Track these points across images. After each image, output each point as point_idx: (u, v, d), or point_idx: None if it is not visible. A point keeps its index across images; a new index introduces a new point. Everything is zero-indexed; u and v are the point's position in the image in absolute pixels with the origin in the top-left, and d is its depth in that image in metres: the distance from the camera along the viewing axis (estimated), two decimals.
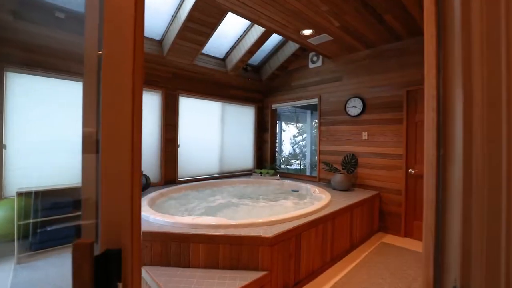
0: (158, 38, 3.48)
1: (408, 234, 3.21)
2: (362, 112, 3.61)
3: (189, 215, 2.50)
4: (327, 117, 4.06)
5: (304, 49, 4.30)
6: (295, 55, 4.38)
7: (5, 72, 2.60)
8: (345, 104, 3.78)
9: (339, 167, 3.83)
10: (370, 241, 3.13)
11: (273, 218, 2.07)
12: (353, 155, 3.65)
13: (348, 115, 3.76)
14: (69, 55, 2.91)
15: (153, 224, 2.00)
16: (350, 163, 3.60)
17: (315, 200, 2.99)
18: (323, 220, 2.34)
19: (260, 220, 2.02)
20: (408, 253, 2.75)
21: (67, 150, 2.89)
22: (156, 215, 2.09)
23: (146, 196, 2.80)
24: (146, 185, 3.14)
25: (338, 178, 3.47)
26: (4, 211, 2.48)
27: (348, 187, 3.46)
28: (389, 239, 3.19)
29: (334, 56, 3.92)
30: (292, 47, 4.24)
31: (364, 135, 3.59)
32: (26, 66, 2.67)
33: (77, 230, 2.63)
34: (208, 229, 1.91)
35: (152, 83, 3.58)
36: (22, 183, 2.68)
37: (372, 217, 3.25)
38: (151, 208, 2.37)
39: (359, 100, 3.63)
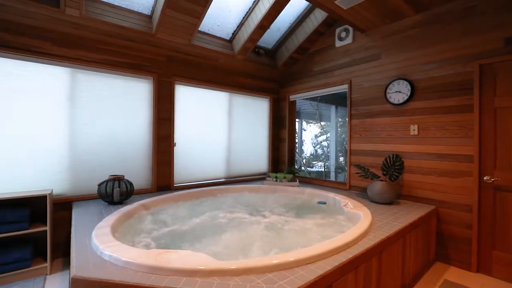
0: (147, 12, 2.82)
1: (483, 269, 2.25)
2: (410, 98, 2.69)
3: (161, 243, 1.76)
4: (360, 108, 3.17)
5: (330, 24, 3.45)
6: (318, 33, 3.54)
7: None
8: (386, 89, 2.88)
9: (378, 172, 2.94)
10: (427, 277, 2.22)
11: (284, 259, 1.28)
12: (397, 156, 2.75)
13: (390, 103, 2.86)
14: (28, 28, 2.31)
15: (104, 265, 1.29)
16: (394, 166, 2.70)
17: (349, 221, 2.15)
18: (367, 256, 1.50)
19: (262, 263, 1.24)
20: None
21: (26, 148, 2.29)
22: (112, 248, 1.38)
23: (120, 210, 2.12)
24: (127, 194, 2.47)
25: (377, 187, 2.58)
26: None
27: (392, 199, 2.57)
28: (455, 275, 2.26)
29: (369, 29, 3.04)
30: (314, 21, 3.41)
31: (413, 129, 2.68)
32: None
33: (37, 251, 1.96)
34: (178, 275, 1.17)
35: (140, 68, 2.92)
36: None
37: (428, 243, 2.34)
38: (113, 232, 1.67)
39: (405, 82, 2.72)
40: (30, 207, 2.18)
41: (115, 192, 2.36)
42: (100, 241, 1.47)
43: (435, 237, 2.47)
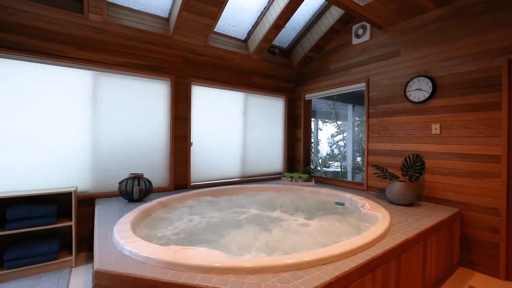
0: (164, 15, 2.89)
1: None
2: (431, 96, 2.59)
3: (177, 239, 1.80)
4: (378, 106, 3.09)
5: (346, 21, 3.39)
6: (334, 30, 3.48)
7: None
8: (405, 87, 2.79)
9: (397, 173, 2.85)
10: (450, 283, 2.13)
11: (299, 259, 1.28)
12: (417, 156, 2.65)
13: (410, 101, 2.76)
14: (55, 34, 2.45)
15: (125, 259, 1.35)
16: (414, 167, 2.61)
17: (367, 221, 2.10)
18: (385, 259, 1.46)
19: (277, 263, 1.24)
20: None
21: (52, 148, 2.42)
22: (132, 243, 1.44)
23: (139, 207, 2.19)
24: (146, 192, 2.55)
25: (396, 187, 2.51)
26: None
27: (412, 201, 2.48)
28: (481, 281, 2.15)
29: (387, 25, 2.95)
30: (330, 19, 3.36)
31: (435, 129, 2.57)
32: (5, 48, 2.25)
33: (63, 244, 2.09)
34: (195, 272, 1.19)
35: (158, 69, 3.01)
36: (1, 187, 2.26)
37: (451, 247, 2.24)
38: (133, 228, 1.73)
39: (426, 80, 2.62)
40: (57, 203, 2.30)
41: (134, 190, 2.45)
42: (121, 236, 1.53)
43: (458, 241, 2.36)
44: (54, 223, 2.22)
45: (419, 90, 2.67)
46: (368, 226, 1.98)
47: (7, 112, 2.26)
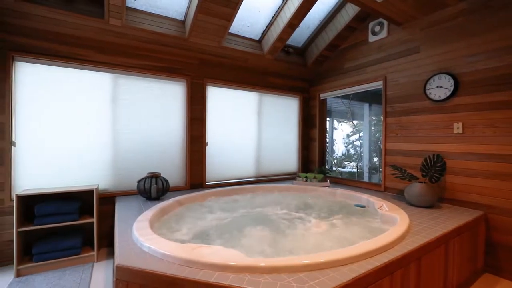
0: (180, 18, 2.95)
1: None
2: (453, 94, 2.49)
3: (196, 237, 1.84)
4: (396, 105, 3.00)
5: (363, 18, 3.32)
6: (349, 28, 3.42)
7: (14, 61, 2.35)
8: (425, 84, 2.69)
9: (416, 173, 2.76)
10: None
11: (314, 259, 1.27)
12: (438, 156, 2.56)
13: (430, 99, 2.66)
14: (77, 39, 2.56)
15: (144, 256, 1.40)
16: (434, 167, 2.52)
17: (385, 223, 2.05)
18: (404, 262, 1.42)
19: (293, 263, 1.23)
20: None
21: (76, 148, 2.54)
22: (151, 240, 1.48)
23: (157, 205, 2.25)
24: (164, 190, 2.62)
25: (416, 188, 2.43)
26: None
27: (433, 203, 2.39)
28: None
29: (406, 21, 2.86)
30: (345, 17, 3.30)
31: (457, 128, 2.47)
32: (34, 53, 2.38)
33: (85, 240, 2.18)
34: (211, 270, 1.21)
35: (174, 71, 3.08)
36: (30, 184, 2.39)
37: (475, 251, 2.14)
38: (151, 226, 1.78)
39: (448, 77, 2.52)
40: (79, 201, 2.41)
41: (152, 189, 2.52)
42: (140, 233, 1.58)
43: (483, 245, 2.26)
44: (77, 219, 2.33)
45: (440, 87, 2.57)
46: (386, 228, 1.93)
47: (36, 114, 2.39)
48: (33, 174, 2.38)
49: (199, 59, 3.23)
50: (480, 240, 2.20)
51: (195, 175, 3.22)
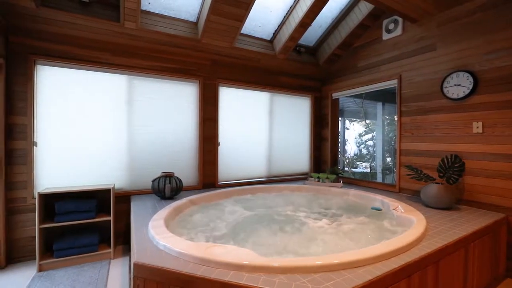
0: (193, 19, 2.99)
1: None
2: (472, 92, 2.41)
3: (210, 236, 1.85)
4: (411, 104, 2.94)
5: (376, 16, 3.26)
6: (362, 26, 3.37)
7: (36, 65, 2.45)
8: (442, 83, 2.62)
9: (433, 174, 2.69)
10: None
11: (328, 261, 1.26)
12: (456, 156, 2.48)
13: (448, 98, 2.59)
14: (94, 42, 2.64)
15: (160, 254, 1.43)
16: (452, 168, 2.44)
17: (400, 225, 2.01)
18: (421, 264, 1.39)
19: (307, 263, 1.23)
20: None
21: (94, 148, 2.62)
22: (166, 239, 1.51)
23: (171, 204, 2.29)
24: (177, 190, 2.66)
25: (433, 190, 2.37)
26: None
27: (450, 204, 2.33)
28: None
29: (421, 18, 2.79)
30: (358, 15, 3.25)
31: (476, 127, 2.39)
32: (54, 57, 2.47)
33: (102, 237, 2.25)
34: (226, 269, 1.23)
35: (187, 72, 3.12)
36: (50, 183, 2.49)
37: (497, 255, 2.07)
38: (166, 224, 1.82)
39: (466, 75, 2.44)
40: (96, 199, 2.48)
41: (166, 188, 2.56)
42: (155, 232, 1.61)
43: (505, 249, 2.17)
44: (94, 217, 2.40)
45: (458, 86, 2.49)
46: (402, 229, 1.89)
47: (55, 116, 2.49)
48: (53, 173, 2.47)
49: (212, 60, 3.27)
50: (502, 244, 2.12)
51: (208, 175, 3.25)
